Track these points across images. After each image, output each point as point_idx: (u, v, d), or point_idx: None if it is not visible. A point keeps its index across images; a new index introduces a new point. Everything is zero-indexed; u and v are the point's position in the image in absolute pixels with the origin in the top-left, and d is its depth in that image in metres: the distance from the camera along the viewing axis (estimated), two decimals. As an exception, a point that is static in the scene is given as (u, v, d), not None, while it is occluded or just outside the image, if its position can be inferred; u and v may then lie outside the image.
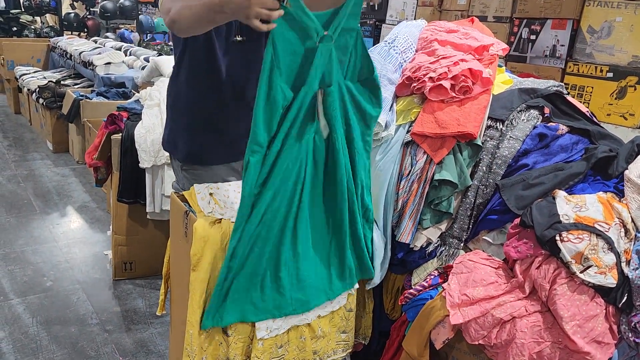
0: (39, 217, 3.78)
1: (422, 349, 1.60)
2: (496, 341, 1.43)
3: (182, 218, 1.67)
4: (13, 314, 2.63)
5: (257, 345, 1.58)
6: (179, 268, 1.78)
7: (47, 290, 2.87)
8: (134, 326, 2.61)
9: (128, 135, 2.79)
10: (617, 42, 2.92)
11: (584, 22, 3.07)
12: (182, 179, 2.06)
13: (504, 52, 1.96)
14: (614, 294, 1.34)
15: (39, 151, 5.32)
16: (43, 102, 5.19)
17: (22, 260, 3.16)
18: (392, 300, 1.90)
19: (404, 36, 2.02)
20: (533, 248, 1.44)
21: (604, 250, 1.35)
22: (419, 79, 1.81)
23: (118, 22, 9.08)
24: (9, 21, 7.89)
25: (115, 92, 4.89)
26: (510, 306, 1.43)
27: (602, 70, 2.97)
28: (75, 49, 5.97)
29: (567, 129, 1.72)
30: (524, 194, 1.56)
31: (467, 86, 1.75)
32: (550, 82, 1.88)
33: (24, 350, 2.38)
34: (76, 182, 4.54)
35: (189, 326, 1.53)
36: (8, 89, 6.86)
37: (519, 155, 1.67)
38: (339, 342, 1.79)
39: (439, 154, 1.70)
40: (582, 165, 1.58)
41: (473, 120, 1.70)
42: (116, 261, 2.99)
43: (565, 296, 1.35)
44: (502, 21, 3.53)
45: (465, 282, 1.52)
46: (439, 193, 1.70)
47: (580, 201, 1.45)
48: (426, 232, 1.74)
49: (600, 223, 1.39)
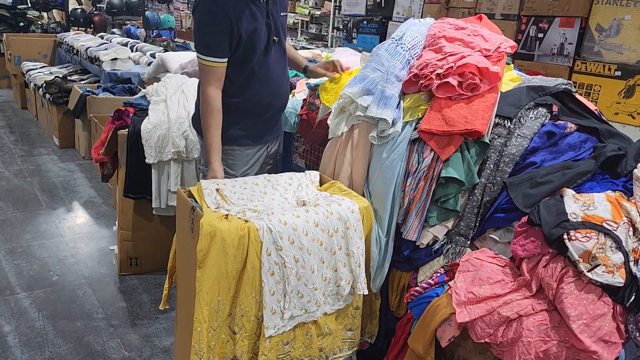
0: (45, 212, 3.80)
1: (428, 347, 1.60)
2: (502, 339, 1.42)
3: (189, 214, 1.67)
4: (19, 308, 2.64)
5: (265, 343, 1.58)
6: (185, 263, 1.79)
7: (53, 284, 2.88)
8: (140, 321, 2.62)
9: (134, 131, 2.79)
10: (625, 41, 2.90)
11: (593, 20, 3.05)
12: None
13: (512, 49, 1.95)
14: (622, 293, 1.34)
15: (45, 146, 5.34)
16: (49, 97, 5.21)
17: (28, 255, 3.17)
18: (398, 297, 1.89)
19: (412, 33, 2.01)
20: (540, 246, 1.43)
21: (612, 249, 1.34)
22: (426, 76, 1.80)
23: (124, 18, 9.09)
24: (16, 17, 7.90)
25: (121, 87, 4.89)
26: (516, 305, 1.42)
27: (611, 69, 2.95)
28: (82, 44, 5.99)
29: (575, 127, 1.71)
30: (531, 192, 1.55)
31: (475, 83, 1.74)
32: (559, 80, 1.87)
33: (30, 344, 2.39)
34: (82, 177, 4.55)
35: (196, 324, 1.53)
36: (15, 85, 6.89)
37: (526, 153, 1.66)
38: (345, 340, 1.79)
39: (446, 152, 1.70)
40: (590, 164, 1.57)
41: (481, 117, 1.69)
42: (122, 256, 3.00)
43: (573, 295, 1.34)
44: (510, 19, 3.51)
45: (471, 280, 1.52)
46: (446, 191, 1.70)
47: (589, 200, 1.44)
48: (433, 229, 1.74)
49: (609, 222, 1.38)
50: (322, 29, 9.29)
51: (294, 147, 2.62)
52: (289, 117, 2.47)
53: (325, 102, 2.27)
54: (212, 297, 1.53)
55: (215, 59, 1.97)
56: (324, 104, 2.28)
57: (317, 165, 2.38)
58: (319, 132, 2.28)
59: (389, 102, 1.82)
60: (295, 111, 2.46)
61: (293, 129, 2.50)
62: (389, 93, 1.84)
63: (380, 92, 1.84)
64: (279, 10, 2.13)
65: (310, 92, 2.45)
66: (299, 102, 2.48)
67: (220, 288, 1.54)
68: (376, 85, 1.86)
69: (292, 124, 2.48)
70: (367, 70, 1.93)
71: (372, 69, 1.91)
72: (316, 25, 9.46)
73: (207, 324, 1.54)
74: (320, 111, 2.32)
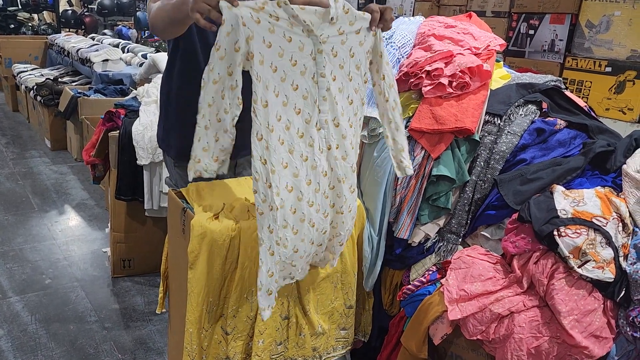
0: (37, 215, 3.77)
1: (421, 344, 1.60)
2: (494, 336, 1.42)
3: (180, 215, 1.67)
4: (12, 312, 2.63)
5: (258, 343, 1.58)
6: (177, 265, 1.78)
7: (46, 288, 2.86)
8: (133, 323, 2.61)
9: (125, 132, 2.78)
10: (615, 37, 2.91)
11: (583, 16, 3.06)
12: (175, 175, 2.08)
13: (501, 47, 1.96)
14: (612, 288, 1.34)
15: (37, 149, 5.30)
16: (41, 99, 5.17)
17: (20, 258, 3.15)
18: (391, 296, 1.89)
19: (401, 32, 2.01)
20: (531, 243, 1.44)
21: (602, 244, 1.35)
22: (416, 75, 1.80)
23: (116, 19, 9.05)
24: (6, 18, 7.85)
25: (113, 89, 4.87)
26: (508, 301, 1.43)
27: (601, 65, 2.96)
28: (73, 46, 5.95)
29: (565, 123, 1.72)
30: (521, 189, 1.56)
31: (465, 82, 1.75)
32: (548, 76, 1.88)
33: (22, 348, 2.38)
34: (74, 179, 4.53)
35: (188, 325, 1.53)
36: (6, 87, 6.84)
37: (516, 151, 1.67)
38: (338, 339, 1.79)
39: (437, 150, 1.70)
40: (580, 160, 1.58)
41: (471, 115, 1.69)
42: (115, 258, 2.98)
43: (563, 291, 1.35)
44: (501, 16, 3.52)
45: (463, 277, 1.52)
46: (437, 189, 1.70)
47: (578, 196, 1.44)
48: (424, 227, 1.74)
49: (598, 218, 1.39)
50: (314, 28, 9.26)
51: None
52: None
53: (317, 101, 2.26)
54: (203, 299, 1.53)
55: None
56: (315, 103, 2.28)
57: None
58: (311, 132, 2.27)
59: (379, 101, 1.81)
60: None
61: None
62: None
63: (370, 91, 1.84)
64: None
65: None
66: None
67: (212, 289, 1.53)
68: (366, 84, 1.85)
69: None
70: (357, 69, 1.92)
71: (362, 67, 1.91)
72: (308, 25, 9.44)
73: (199, 325, 1.53)
74: (312, 110, 2.31)
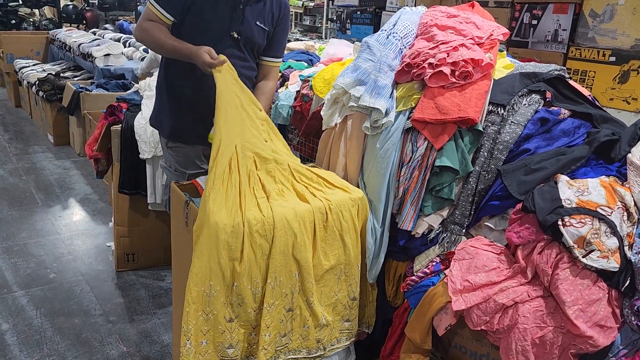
0: (41, 210, 3.78)
1: (425, 335, 1.60)
2: (498, 327, 1.42)
3: (183, 208, 1.67)
4: (17, 306, 2.64)
5: (264, 337, 1.58)
6: (181, 258, 1.78)
7: (51, 282, 2.87)
8: (137, 317, 2.62)
9: (128, 127, 2.78)
10: (619, 26, 2.89)
11: (586, 5, 3.03)
12: (168, 156, 2.20)
13: (504, 36, 1.94)
14: (617, 278, 1.34)
15: (40, 144, 5.31)
16: (43, 95, 5.17)
17: (25, 253, 3.16)
18: (394, 287, 1.89)
19: (404, 22, 2.00)
20: (535, 233, 1.43)
21: (607, 234, 1.34)
22: (418, 65, 1.79)
23: (117, 13, 9.04)
24: (8, 14, 7.85)
25: (114, 83, 4.86)
26: (512, 292, 1.42)
27: (605, 55, 2.94)
28: (74, 41, 5.94)
29: (569, 113, 1.71)
30: (525, 179, 1.55)
31: (468, 71, 1.74)
32: (552, 66, 1.86)
33: (28, 342, 2.39)
34: (78, 174, 4.54)
35: (185, 304, 1.53)
36: (8, 83, 6.84)
37: (520, 140, 1.66)
38: (342, 331, 1.79)
39: (440, 140, 1.69)
40: (584, 150, 1.57)
41: (474, 105, 1.68)
42: (118, 252, 2.99)
43: (568, 281, 1.34)
44: (504, 6, 3.50)
45: (467, 268, 1.52)
46: (440, 179, 1.69)
47: (583, 185, 1.44)
48: (428, 218, 1.73)
49: (603, 207, 1.38)
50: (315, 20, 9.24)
51: (288, 139, 2.61)
52: (281, 109, 2.46)
53: (319, 93, 2.25)
54: (202, 279, 1.53)
55: (161, 9, 1.96)
56: (317, 95, 2.27)
57: (311, 157, 2.38)
58: (313, 124, 2.27)
59: (382, 92, 1.80)
60: (289, 103, 2.45)
61: (287, 121, 2.48)
62: (381, 83, 1.83)
63: (373, 81, 1.83)
64: (254, 17, 2.04)
65: (304, 84, 2.44)
66: (292, 94, 2.47)
67: (213, 272, 1.53)
68: (369, 75, 1.84)
69: (286, 115, 2.47)
70: (359, 60, 1.91)
71: (364, 59, 1.90)
72: (310, 17, 9.40)
73: (197, 306, 1.53)
74: (314, 102, 2.31)
